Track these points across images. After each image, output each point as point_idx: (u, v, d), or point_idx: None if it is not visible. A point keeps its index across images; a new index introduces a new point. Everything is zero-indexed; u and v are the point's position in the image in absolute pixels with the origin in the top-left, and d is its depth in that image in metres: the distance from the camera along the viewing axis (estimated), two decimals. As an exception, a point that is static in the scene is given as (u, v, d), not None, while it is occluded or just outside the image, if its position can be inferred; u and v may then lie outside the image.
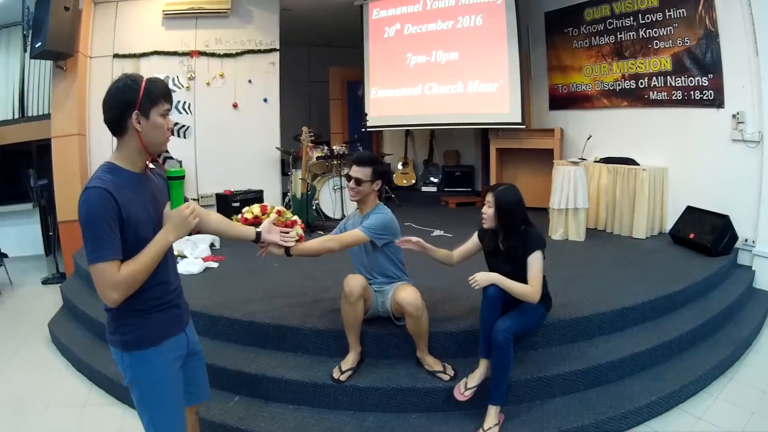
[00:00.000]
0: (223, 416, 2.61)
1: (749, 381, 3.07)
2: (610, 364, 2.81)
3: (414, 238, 2.70)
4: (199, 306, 3.23)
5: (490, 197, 2.56)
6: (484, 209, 2.58)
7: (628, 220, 5.05)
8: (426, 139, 8.17)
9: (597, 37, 5.73)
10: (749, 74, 4.30)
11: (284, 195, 6.59)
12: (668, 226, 4.96)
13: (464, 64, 6.47)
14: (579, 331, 3.00)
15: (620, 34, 5.46)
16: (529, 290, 2.47)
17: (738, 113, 4.39)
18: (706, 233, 4.33)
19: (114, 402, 3.03)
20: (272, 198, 6.36)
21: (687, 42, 4.79)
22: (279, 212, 2.62)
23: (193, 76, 6.19)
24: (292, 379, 2.75)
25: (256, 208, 2.61)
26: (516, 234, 2.54)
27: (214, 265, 4.38)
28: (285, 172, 6.79)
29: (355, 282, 2.65)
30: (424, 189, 8.04)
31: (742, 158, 4.40)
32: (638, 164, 5.07)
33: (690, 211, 4.70)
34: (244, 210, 2.61)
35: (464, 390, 2.53)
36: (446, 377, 2.68)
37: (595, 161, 5.47)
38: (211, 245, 4.96)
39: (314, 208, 5.97)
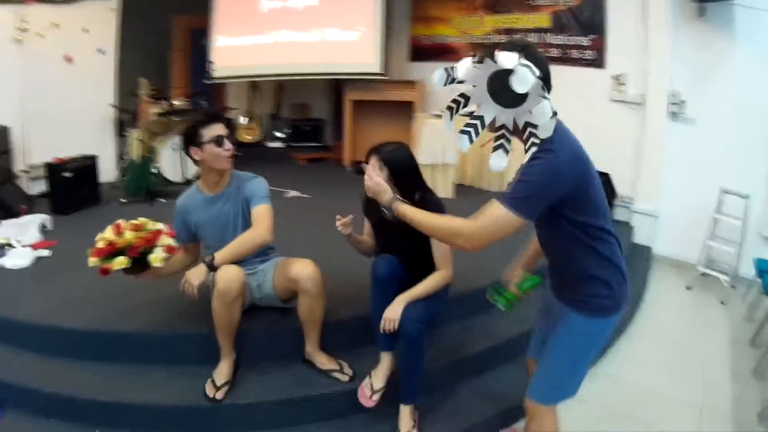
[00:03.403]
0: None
1: (648, 335, 3.23)
2: (521, 336, 2.54)
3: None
4: (32, 315, 2.53)
5: (374, 161, 2.07)
6: (367, 175, 1.89)
7: (497, 176, 4.85)
8: (273, 92, 7.51)
9: (471, -10, 5.50)
10: (635, 39, 4.31)
11: (121, 158, 5.67)
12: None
13: (324, 10, 5.92)
14: (477, 304, 2.66)
15: (497, -12, 5.27)
16: (441, 279, 2.11)
17: (620, 75, 4.42)
18: (587, 190, 4.34)
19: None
20: (107, 162, 5.48)
21: (570, 2, 4.72)
22: (137, 227, 2.07)
23: (27, 27, 5.09)
24: (159, 403, 2.16)
25: (108, 233, 2.04)
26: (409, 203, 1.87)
27: (46, 253, 3.54)
28: (122, 134, 5.81)
29: (232, 275, 2.04)
30: (270, 145, 7.37)
31: (622, 118, 4.46)
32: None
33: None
34: (96, 239, 2.03)
35: (371, 393, 2.12)
36: (345, 378, 2.26)
37: (460, 115, 5.25)
38: (42, 227, 4.01)
39: (156, 172, 5.15)
